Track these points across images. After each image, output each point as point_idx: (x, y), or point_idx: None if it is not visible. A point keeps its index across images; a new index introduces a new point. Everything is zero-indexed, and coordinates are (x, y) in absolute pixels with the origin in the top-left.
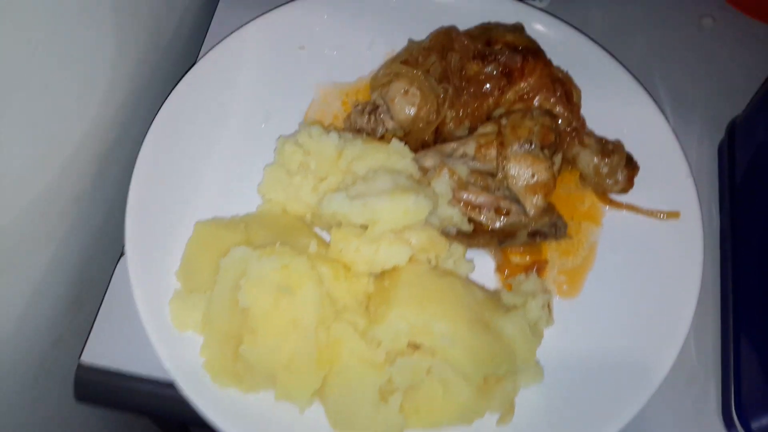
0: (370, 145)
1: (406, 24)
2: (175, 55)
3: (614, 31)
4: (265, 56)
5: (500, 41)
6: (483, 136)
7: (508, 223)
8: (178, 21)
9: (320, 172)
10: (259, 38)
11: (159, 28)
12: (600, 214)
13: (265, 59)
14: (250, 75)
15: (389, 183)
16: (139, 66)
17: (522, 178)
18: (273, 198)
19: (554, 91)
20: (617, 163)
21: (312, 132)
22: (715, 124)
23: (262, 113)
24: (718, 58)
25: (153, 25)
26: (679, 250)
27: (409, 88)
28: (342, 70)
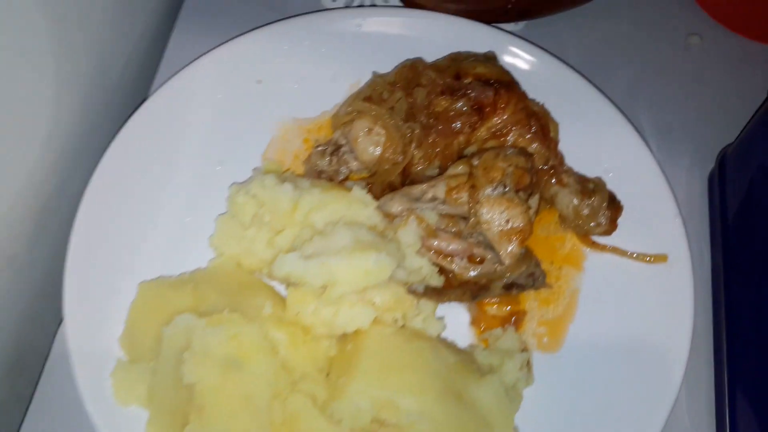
0: (330, 194)
1: (370, 55)
2: (124, 94)
3: (594, 54)
4: (219, 92)
5: (470, 74)
6: (453, 177)
7: (482, 273)
8: (127, 57)
9: (275, 225)
10: (213, 73)
11: (105, 66)
12: (581, 257)
13: (219, 95)
14: (203, 113)
15: (348, 239)
16: (83, 108)
17: (496, 224)
18: (226, 252)
19: (529, 126)
20: (599, 203)
21: (265, 182)
22: (704, 153)
23: (216, 155)
24: (706, 79)
25: (98, 62)
26: (668, 297)
27: (373, 126)
28: (303, 105)
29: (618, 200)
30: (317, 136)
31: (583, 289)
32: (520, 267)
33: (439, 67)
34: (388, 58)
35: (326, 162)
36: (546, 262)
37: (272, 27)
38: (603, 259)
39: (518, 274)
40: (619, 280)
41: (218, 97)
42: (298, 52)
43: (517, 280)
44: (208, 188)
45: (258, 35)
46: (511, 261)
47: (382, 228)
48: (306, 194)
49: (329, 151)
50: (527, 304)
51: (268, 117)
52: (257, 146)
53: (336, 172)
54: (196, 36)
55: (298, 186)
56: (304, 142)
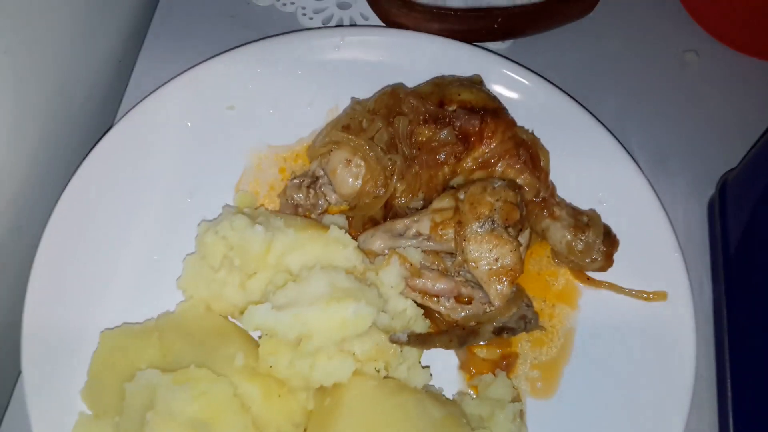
0: (305, 234)
1: (349, 78)
2: (87, 123)
3: (584, 75)
4: (188, 120)
5: (455, 100)
6: (438, 212)
7: (471, 314)
8: (90, 84)
9: (247, 268)
10: (181, 99)
11: (66, 94)
12: (576, 294)
13: (188, 123)
14: (172, 143)
15: (325, 286)
16: (42, 140)
17: (484, 263)
18: (195, 295)
19: (518, 156)
20: (593, 238)
21: (235, 223)
22: (703, 179)
23: (185, 187)
24: (704, 99)
25: (58, 90)
26: (668, 337)
27: (352, 158)
28: (278, 132)
29: (613, 234)
30: (294, 166)
31: (579, 329)
32: (510, 308)
33: (422, 93)
34: (368, 81)
35: (303, 195)
36: (538, 299)
37: (244, 49)
38: (599, 296)
39: (509, 316)
40: (616, 318)
41: (187, 125)
42: (272, 76)
43: (508, 323)
44: (177, 223)
45: (229, 58)
46: (501, 302)
47: (362, 269)
48: (279, 235)
49: (306, 184)
50: (519, 345)
51: (241, 145)
52: (230, 177)
53: (314, 206)
54: (164, 59)
55: (272, 225)
56: (280, 171)
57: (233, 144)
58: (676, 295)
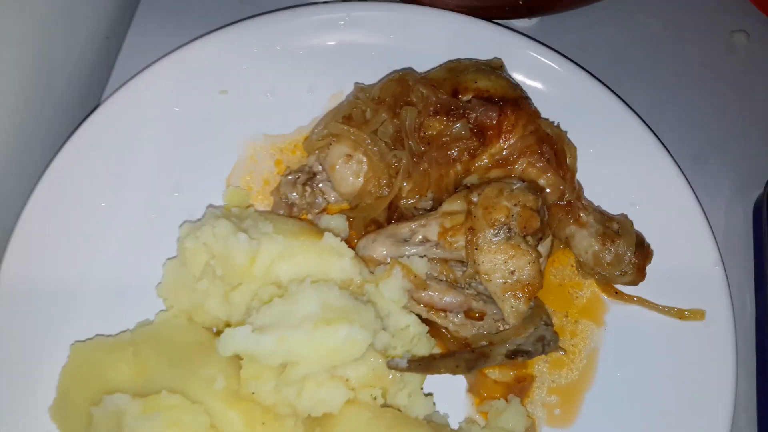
0: (296, 242)
1: (354, 61)
2: (71, 103)
3: (621, 57)
4: (176, 105)
5: (470, 89)
6: (448, 216)
7: (482, 333)
8: (75, 61)
9: (230, 279)
10: (168, 82)
11: (49, 70)
12: (602, 309)
13: (176, 109)
14: (157, 131)
15: (314, 304)
16: (22, 120)
17: (498, 275)
18: (176, 304)
19: (541, 153)
20: (624, 249)
21: (217, 229)
22: (750, 178)
23: (171, 181)
24: (752, 88)
25: (41, 65)
26: (704, 360)
27: (353, 153)
28: (275, 120)
29: (647, 244)
30: (291, 158)
31: (604, 349)
32: (526, 328)
33: (433, 80)
34: (375, 65)
35: (298, 193)
36: (559, 314)
37: (239, 26)
38: (628, 312)
39: (525, 337)
40: (646, 338)
41: (175, 110)
42: (270, 57)
43: (524, 345)
44: (161, 222)
45: (222, 36)
46: (516, 321)
47: (359, 282)
48: (267, 243)
49: (301, 181)
50: (536, 367)
51: (234, 134)
52: (220, 169)
53: (310, 205)
54: (155, 36)
55: (260, 231)
56: (275, 164)
57: (225, 132)
58: (715, 313)
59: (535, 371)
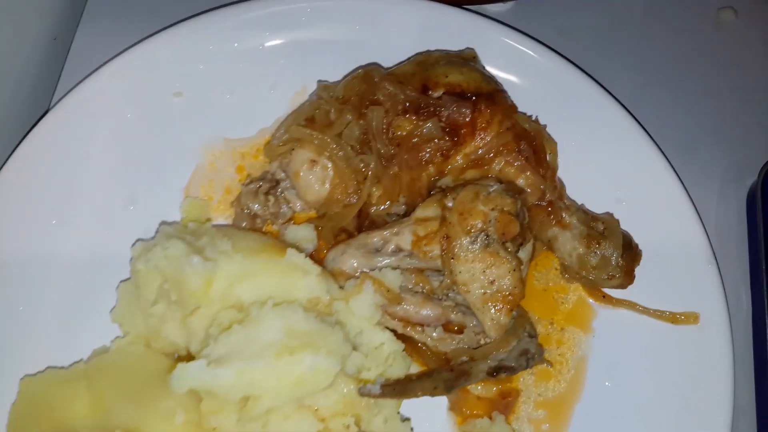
0: (257, 261)
1: (317, 56)
2: (18, 109)
3: (602, 41)
4: (127, 111)
5: (441, 83)
6: (422, 223)
7: (462, 347)
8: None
9: (185, 304)
10: (118, 86)
11: None
12: (590, 314)
13: (128, 115)
14: (108, 139)
15: (277, 330)
16: None
17: (477, 285)
18: (132, 330)
19: (519, 150)
20: (611, 251)
21: (169, 251)
22: (742, 165)
23: (125, 192)
24: (742, 67)
25: None
26: (700, 365)
27: (317, 158)
28: (235, 122)
29: (635, 244)
30: (254, 163)
31: (592, 357)
32: (509, 341)
33: (401, 75)
34: (339, 59)
35: (260, 204)
36: (544, 322)
37: (193, 22)
38: (617, 317)
39: (507, 351)
40: (637, 344)
41: (127, 116)
42: (226, 55)
43: (506, 361)
44: (116, 238)
45: (174, 34)
46: (498, 334)
47: (327, 301)
48: (225, 263)
49: (264, 190)
50: (521, 380)
51: (191, 139)
52: (178, 178)
53: (275, 216)
54: (106, 36)
55: (217, 249)
56: (237, 170)
57: (182, 138)
58: (710, 316)
59: (521, 385)
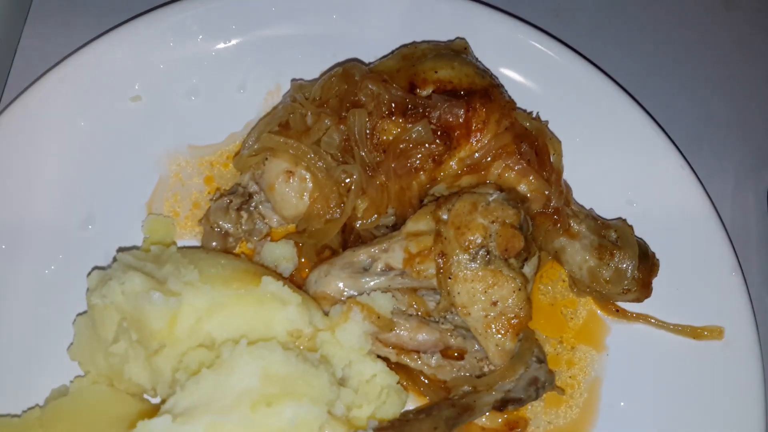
0: (229, 291)
1: (290, 52)
2: None
3: (601, 23)
4: (80, 119)
5: (430, 80)
6: (414, 238)
7: (464, 376)
8: None
9: (148, 344)
10: (69, 91)
11: None
12: (602, 331)
13: (81, 123)
14: (60, 151)
15: (252, 375)
16: None
17: (478, 308)
18: (92, 369)
19: (519, 153)
20: (626, 262)
21: (126, 285)
22: (759, 156)
23: (81, 210)
24: (758, 47)
25: None
26: (726, 387)
27: (293, 169)
28: (202, 128)
29: (651, 254)
30: (224, 173)
31: (607, 378)
32: (515, 369)
33: (385, 72)
34: (316, 54)
35: (231, 222)
36: (552, 341)
37: (150, 17)
38: (632, 333)
39: (514, 380)
40: (655, 363)
41: (80, 125)
42: (189, 52)
43: (514, 391)
44: (71, 264)
45: (130, 31)
46: (503, 361)
47: (309, 333)
48: (191, 296)
49: (235, 206)
50: (528, 408)
51: (153, 148)
52: (139, 193)
53: (249, 233)
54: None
55: (183, 279)
56: (206, 182)
57: (142, 147)
58: (736, 330)
59: (529, 413)
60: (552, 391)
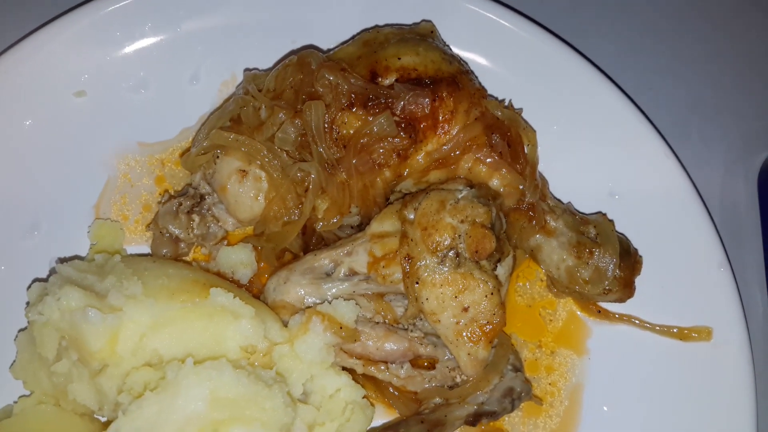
0: (175, 305)
1: (245, 39)
2: None
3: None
4: (20, 115)
5: (393, 68)
6: (379, 239)
7: (434, 387)
8: None
9: (89, 364)
10: (9, 90)
11: None
12: (584, 333)
13: (26, 122)
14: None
15: (200, 398)
16: None
17: (448, 314)
18: (37, 389)
19: (491, 145)
20: (606, 261)
21: (62, 302)
22: (750, 138)
23: (26, 215)
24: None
25: None
26: (715, 390)
27: (247, 167)
28: (151, 123)
29: (634, 251)
30: (176, 172)
31: (589, 384)
32: (489, 379)
33: (344, 60)
34: (271, 41)
35: (181, 226)
36: (530, 344)
37: (91, 6)
38: (615, 334)
39: (488, 391)
40: (641, 366)
41: (21, 124)
42: (137, 41)
43: (488, 404)
44: (15, 274)
45: (71, 20)
46: (476, 371)
47: (264, 348)
48: (134, 311)
49: (186, 208)
50: (506, 419)
51: (100, 147)
52: (86, 194)
53: (203, 237)
54: None
55: (126, 293)
56: (157, 182)
57: (87, 146)
58: (725, 330)
59: (506, 424)
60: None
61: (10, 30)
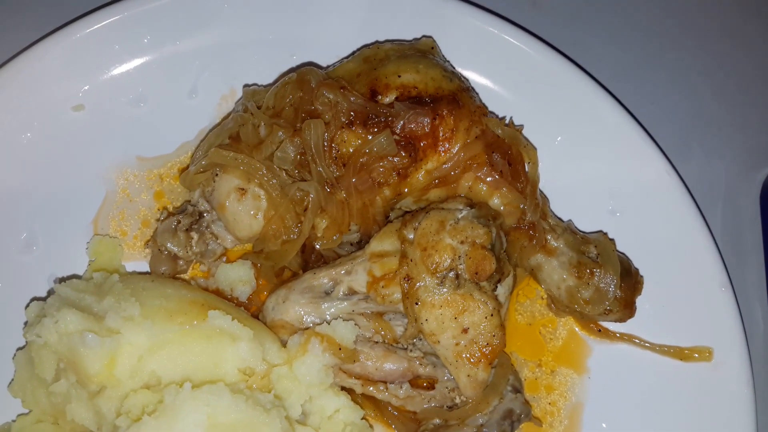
0: (173, 327)
1: (244, 54)
2: None
3: (580, 12)
4: (16, 131)
5: (393, 86)
6: (378, 259)
7: (434, 407)
8: None
9: (87, 386)
10: (3, 102)
11: None
12: (584, 352)
13: (23, 135)
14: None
15: (197, 424)
16: None
17: (448, 336)
18: (35, 408)
19: (491, 164)
20: (607, 281)
21: (60, 325)
22: (752, 154)
23: (23, 231)
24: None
25: None
26: (715, 411)
27: (246, 186)
28: (150, 137)
29: (635, 271)
30: (175, 187)
31: (589, 403)
32: (489, 401)
33: (344, 77)
34: (271, 56)
35: (179, 244)
36: (530, 364)
37: (90, 19)
38: (616, 353)
39: (488, 413)
40: (640, 386)
41: (18, 138)
42: (135, 55)
43: (488, 426)
44: (11, 291)
45: (69, 34)
46: (476, 392)
47: (263, 371)
48: (132, 333)
49: (184, 226)
50: None
51: (98, 162)
52: (84, 210)
53: (202, 255)
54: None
55: (122, 315)
56: (155, 197)
57: (86, 161)
58: (726, 351)
59: None
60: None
61: (8, 43)
